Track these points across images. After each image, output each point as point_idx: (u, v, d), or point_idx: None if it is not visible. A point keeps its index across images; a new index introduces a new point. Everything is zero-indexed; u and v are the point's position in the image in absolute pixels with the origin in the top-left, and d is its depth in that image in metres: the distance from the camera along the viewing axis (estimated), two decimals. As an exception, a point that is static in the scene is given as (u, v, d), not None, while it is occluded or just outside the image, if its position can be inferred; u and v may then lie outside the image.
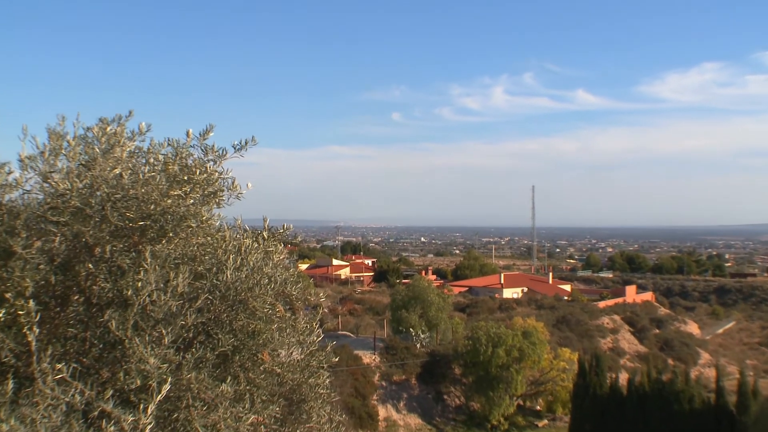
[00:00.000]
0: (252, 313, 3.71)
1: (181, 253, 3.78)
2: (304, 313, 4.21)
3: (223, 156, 3.97)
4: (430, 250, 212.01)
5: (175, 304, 3.38)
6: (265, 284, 3.69)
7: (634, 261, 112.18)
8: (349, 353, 28.29)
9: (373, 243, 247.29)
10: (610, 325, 44.61)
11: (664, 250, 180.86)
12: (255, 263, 3.70)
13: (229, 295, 3.60)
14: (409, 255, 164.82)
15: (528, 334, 28.32)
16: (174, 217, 3.73)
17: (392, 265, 78.15)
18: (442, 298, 33.17)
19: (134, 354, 3.19)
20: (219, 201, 3.99)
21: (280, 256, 4.07)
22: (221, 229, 3.99)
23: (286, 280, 3.92)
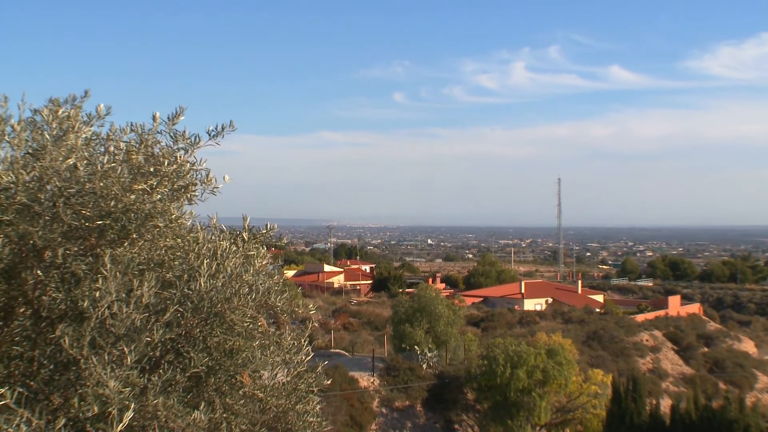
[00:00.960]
0: (230, 328, 3.72)
1: (147, 258, 3.78)
2: (290, 328, 4.21)
3: (196, 144, 3.98)
4: (438, 254, 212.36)
5: (140, 317, 3.39)
6: (245, 294, 3.70)
7: (679, 267, 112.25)
8: (344, 375, 28.33)
9: (372, 246, 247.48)
10: (650, 343, 44.64)
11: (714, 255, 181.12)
12: (233, 269, 3.70)
13: (202, 306, 3.61)
14: (414, 260, 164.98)
15: (553, 353, 28.35)
16: (138, 216, 3.73)
17: (394, 272, 78.12)
18: (452, 311, 33.16)
19: (91, 376, 3.19)
20: (191, 196, 4.00)
21: (263, 262, 4.07)
22: (194, 230, 4.00)
23: (269, 289, 3.93)
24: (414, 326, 32.15)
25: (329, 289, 75.28)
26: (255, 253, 3.99)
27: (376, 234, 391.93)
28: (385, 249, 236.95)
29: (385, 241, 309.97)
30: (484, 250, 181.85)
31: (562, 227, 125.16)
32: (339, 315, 48.12)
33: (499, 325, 46.58)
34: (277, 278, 4.12)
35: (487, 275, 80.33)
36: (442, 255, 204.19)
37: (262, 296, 3.82)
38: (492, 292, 69.38)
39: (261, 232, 4.14)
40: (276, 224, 4.23)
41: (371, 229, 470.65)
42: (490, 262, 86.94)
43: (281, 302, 3.98)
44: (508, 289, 69.19)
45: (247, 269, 3.80)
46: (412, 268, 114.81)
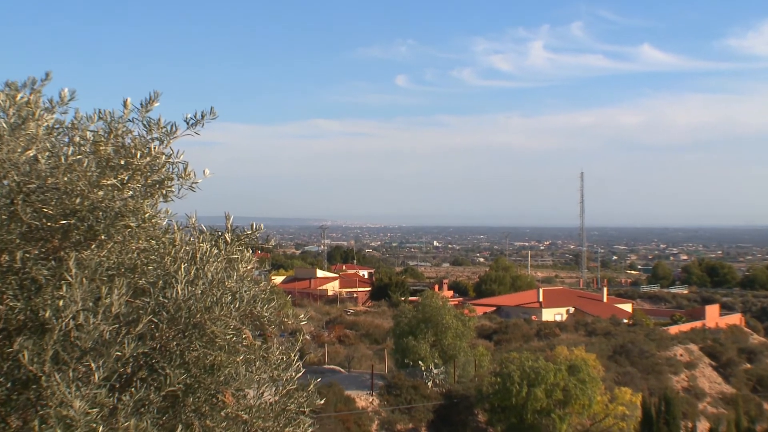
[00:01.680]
0: (210, 341, 3.73)
1: (117, 262, 3.79)
2: (279, 341, 4.22)
3: (173, 133, 3.99)
4: (445, 258, 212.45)
5: (109, 329, 3.40)
6: (228, 303, 3.71)
7: (717, 272, 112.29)
8: (339, 394, 28.37)
9: (371, 248, 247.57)
10: (685, 358, 44.66)
11: (758, 258, 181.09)
12: (214, 275, 3.71)
13: (180, 317, 3.61)
14: (418, 264, 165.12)
15: (575, 369, 28.39)
16: (107, 215, 3.74)
17: (395, 278, 78.22)
18: (461, 322, 33.20)
19: (54, 395, 3.20)
20: (167, 193, 4.01)
21: (248, 266, 4.08)
22: (170, 231, 4.01)
23: (255, 297, 3.94)
24: (418, 339, 32.17)
25: (323, 297, 74.98)
26: (239, 257, 4.00)
27: (376, 235, 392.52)
28: (386, 252, 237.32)
29: (386, 243, 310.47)
30: (497, 254, 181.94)
31: (585, 227, 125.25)
32: (334, 326, 48.21)
33: (514, 337, 46.62)
34: (264, 285, 4.12)
35: (501, 281, 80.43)
36: (450, 259, 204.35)
37: (247, 305, 3.83)
38: (506, 300, 69.44)
39: (246, 233, 4.14)
40: (263, 224, 4.24)
41: (370, 230, 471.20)
42: (504, 266, 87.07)
43: (268, 312, 3.99)
44: (525, 297, 69.28)
45: (230, 275, 3.81)
46: (415, 273, 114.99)
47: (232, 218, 4.10)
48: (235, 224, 4.12)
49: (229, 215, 4.10)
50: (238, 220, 4.16)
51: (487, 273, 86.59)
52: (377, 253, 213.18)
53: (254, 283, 4.05)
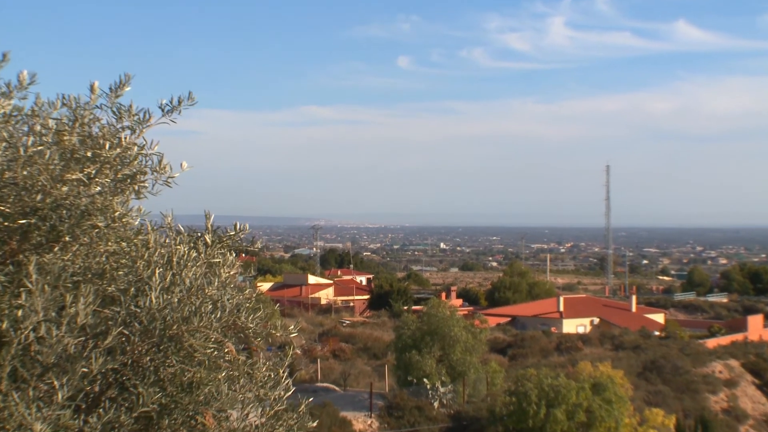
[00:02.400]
0: (188, 356, 3.73)
1: (83, 267, 3.80)
2: (266, 356, 4.22)
3: (146, 121, 3.99)
4: (453, 262, 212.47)
5: (74, 342, 3.40)
6: (209, 313, 3.72)
7: (761, 278, 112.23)
8: (334, 415, 28.39)
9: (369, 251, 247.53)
10: (725, 375, 44.67)
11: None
12: (193, 282, 3.72)
13: (154, 328, 3.62)
14: (423, 269, 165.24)
15: (600, 388, 28.40)
16: (72, 213, 3.74)
17: (397, 285, 78.25)
18: (471, 334, 33.23)
19: (12, 417, 3.21)
20: (139, 188, 4.01)
21: (231, 272, 4.09)
22: (143, 231, 4.02)
23: (239, 306, 3.94)
24: (423, 353, 32.20)
25: (315, 307, 74.88)
26: (221, 261, 4.01)
27: (375, 236, 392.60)
28: (386, 255, 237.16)
29: (386, 245, 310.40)
30: (512, 257, 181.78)
31: (611, 228, 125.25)
32: (327, 339, 48.25)
33: (532, 352, 46.65)
34: (250, 292, 4.13)
35: (516, 289, 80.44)
36: (459, 263, 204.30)
37: (230, 315, 3.84)
38: (522, 310, 69.51)
39: (229, 234, 4.15)
40: (248, 224, 4.24)
41: (368, 231, 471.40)
42: (520, 272, 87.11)
43: (254, 323, 3.99)
44: (543, 307, 69.35)
45: (211, 281, 3.82)
46: (420, 279, 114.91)
47: (213, 217, 4.10)
48: (217, 224, 4.12)
49: (209, 214, 4.11)
50: (219, 220, 4.16)
51: (500, 279, 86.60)
52: (377, 256, 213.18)
53: (238, 290, 4.05)
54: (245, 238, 4.25)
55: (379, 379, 35.66)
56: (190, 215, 4.31)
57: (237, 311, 3.91)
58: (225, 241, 4.14)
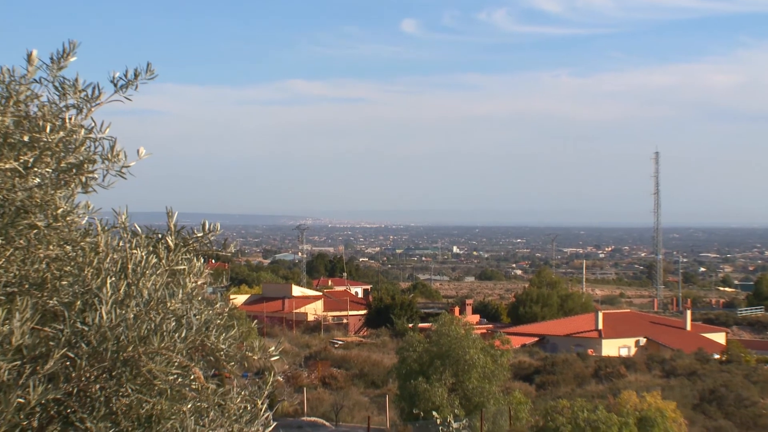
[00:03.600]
0: (147, 384, 3.73)
1: (19, 275, 3.80)
2: (241, 384, 4.22)
3: (96, 99, 3.99)
4: (469, 270, 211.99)
5: (8, 366, 3.41)
6: (171, 331, 3.72)
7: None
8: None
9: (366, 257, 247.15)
10: (798, 407, 44.67)
11: None
12: (152, 293, 3.72)
13: (105, 350, 3.62)
14: (432, 278, 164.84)
15: (648, 423, 28.41)
16: (5, 210, 3.75)
17: (400, 297, 78.02)
18: (491, 357, 33.24)
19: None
20: (87, 180, 4.01)
21: (198, 281, 4.10)
22: (91, 232, 4.02)
23: (208, 323, 3.94)
24: (432, 381, 32.21)
25: (301, 324, 74.79)
26: (186, 269, 4.01)
27: (374, 238, 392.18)
28: (387, 262, 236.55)
29: (387, 249, 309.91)
30: (540, 264, 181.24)
31: (661, 228, 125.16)
32: (316, 363, 48.30)
33: (564, 379, 46.65)
34: (221, 307, 4.14)
35: (546, 302, 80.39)
36: (476, 271, 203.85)
37: (198, 334, 3.84)
38: (553, 328, 69.62)
39: (196, 236, 4.16)
40: (219, 223, 4.25)
41: (366, 231, 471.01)
42: (550, 281, 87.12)
43: (226, 344, 4.00)
44: (578, 324, 69.40)
45: (174, 293, 3.82)
46: (428, 290, 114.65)
47: (176, 215, 4.11)
48: (181, 223, 4.13)
49: (172, 211, 4.11)
50: (185, 218, 4.16)
51: (526, 290, 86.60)
52: (375, 263, 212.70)
53: (207, 304, 4.05)
54: (216, 240, 4.26)
55: (378, 412, 35.68)
56: (149, 213, 4.33)
57: (206, 329, 3.91)
58: (191, 245, 4.14)
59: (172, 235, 4.08)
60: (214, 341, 3.96)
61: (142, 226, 4.12)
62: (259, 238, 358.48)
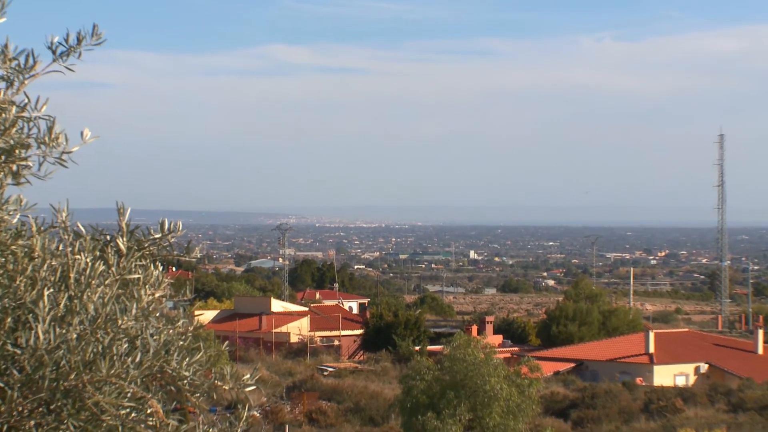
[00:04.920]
0: (94, 419, 3.73)
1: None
2: (208, 420, 4.22)
3: (30, 70, 3.99)
4: (489, 280, 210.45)
5: None
6: (123, 355, 3.73)
7: None
8: None
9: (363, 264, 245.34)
10: None
11: None
12: (100, 309, 3.72)
13: (41, 378, 3.62)
14: (443, 291, 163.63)
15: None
16: None
17: (405, 314, 77.75)
18: (516, 388, 33.21)
19: None
20: (19, 170, 4.01)
21: (156, 294, 4.09)
22: (24, 233, 4.02)
23: (168, 345, 3.93)
24: (443, 417, 32.19)
25: (282, 347, 75.08)
26: (141, 278, 4.02)
27: (371, 241, 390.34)
28: (389, 269, 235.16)
29: (388, 254, 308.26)
30: (578, 272, 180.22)
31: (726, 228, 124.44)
32: (300, 395, 48.21)
33: (607, 414, 46.55)
34: (184, 325, 4.15)
35: (584, 319, 79.93)
36: (498, 281, 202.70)
37: (155, 359, 3.85)
38: (593, 351, 69.52)
39: (153, 238, 4.17)
40: (181, 222, 4.26)
41: (361, 232, 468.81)
42: (590, 294, 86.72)
43: (190, 371, 4.01)
44: (624, 347, 69.23)
45: (127, 308, 3.83)
46: (439, 305, 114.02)
47: (129, 212, 4.11)
48: (135, 222, 4.13)
49: (124, 208, 4.12)
50: (139, 216, 4.17)
51: (560, 305, 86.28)
52: (374, 271, 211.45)
53: (167, 322, 4.06)
54: (178, 243, 4.26)
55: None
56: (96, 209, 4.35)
57: (165, 353, 3.91)
58: (147, 248, 4.14)
59: (123, 236, 4.08)
60: (176, 367, 3.96)
61: (87, 226, 4.12)
62: (230, 240, 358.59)
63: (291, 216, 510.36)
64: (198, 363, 4.04)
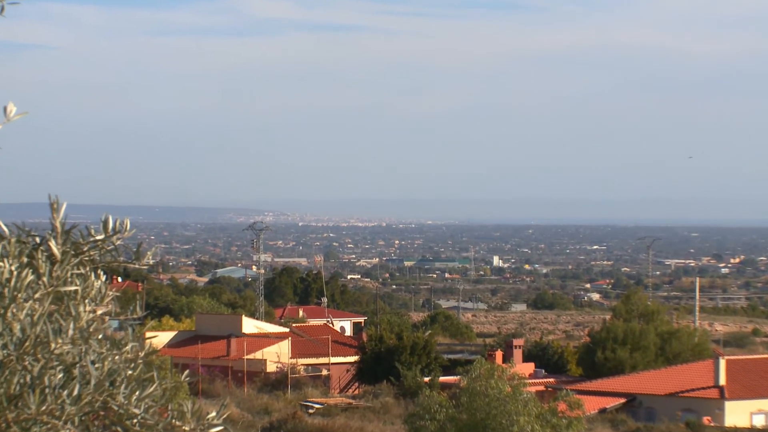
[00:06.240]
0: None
1: None
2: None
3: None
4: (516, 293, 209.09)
5: None
6: (57, 387, 3.70)
7: None
8: None
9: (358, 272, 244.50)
10: None
11: None
12: (28, 329, 3.72)
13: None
14: (459, 307, 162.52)
15: None
16: None
17: (411, 336, 77.31)
18: (552, 428, 33.34)
19: None
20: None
21: (97, 310, 4.07)
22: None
23: (113, 375, 3.93)
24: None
25: (256, 377, 75.60)
26: (80, 291, 4.03)
27: (369, 243, 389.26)
28: (391, 280, 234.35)
29: (390, 260, 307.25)
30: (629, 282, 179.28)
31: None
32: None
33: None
34: (133, 349, 4.16)
35: (637, 343, 79.67)
36: (528, 294, 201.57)
37: (97, 392, 3.86)
38: (649, 383, 69.30)
39: (94, 240, 4.18)
40: (129, 220, 4.26)
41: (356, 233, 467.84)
42: (644, 311, 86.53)
43: (141, 407, 4.02)
44: (688, 378, 69.09)
45: (62, 328, 3.84)
46: (454, 325, 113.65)
47: (65, 208, 4.11)
48: (72, 220, 4.13)
49: (58, 202, 4.12)
50: (77, 212, 4.17)
51: (607, 325, 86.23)
52: (372, 282, 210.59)
53: (112, 345, 4.06)
54: (125, 246, 4.27)
55: None
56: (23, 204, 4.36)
57: (110, 385, 3.91)
58: (87, 253, 4.15)
59: (57, 238, 4.09)
60: (123, 403, 3.96)
61: (11, 225, 4.13)
62: (191, 243, 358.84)
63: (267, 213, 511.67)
64: (151, 398, 4.05)
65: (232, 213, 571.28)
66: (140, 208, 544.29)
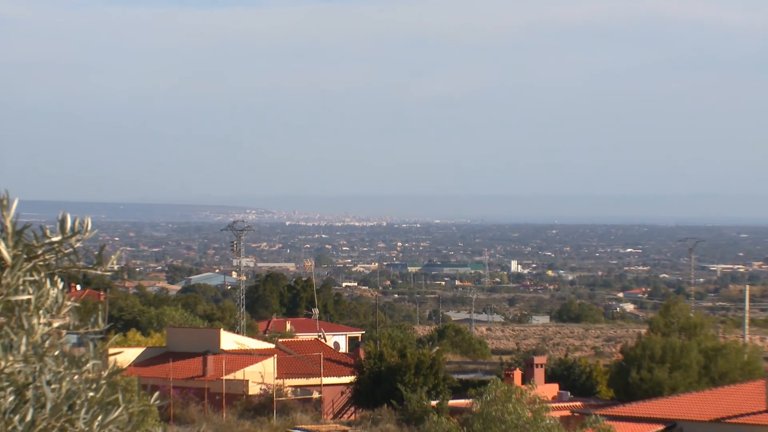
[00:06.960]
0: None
1: None
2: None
3: None
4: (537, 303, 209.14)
5: None
6: (8, 412, 3.71)
7: None
8: None
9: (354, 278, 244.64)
10: None
11: None
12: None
13: None
14: (471, 319, 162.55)
15: None
16: None
17: (416, 353, 77.28)
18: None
19: None
20: None
21: (54, 322, 4.07)
22: None
23: (72, 397, 3.94)
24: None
25: (237, 400, 76.09)
26: (33, 300, 4.05)
27: (367, 246, 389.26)
28: (392, 288, 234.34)
29: (392, 265, 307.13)
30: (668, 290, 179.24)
31: None
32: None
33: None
34: (95, 368, 4.17)
35: (678, 361, 79.78)
36: (552, 304, 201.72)
37: (54, 418, 3.88)
38: (691, 407, 69.41)
39: (50, 241, 4.19)
40: (90, 218, 4.27)
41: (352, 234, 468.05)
42: (686, 324, 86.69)
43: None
44: (736, 400, 69.21)
45: (13, 344, 3.86)
46: (466, 340, 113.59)
47: (16, 205, 4.13)
48: (24, 218, 4.15)
49: (8, 198, 4.13)
50: (31, 209, 4.18)
51: (642, 340, 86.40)
52: (370, 290, 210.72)
53: (70, 363, 4.07)
54: (85, 249, 4.28)
55: None
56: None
57: (68, 409, 3.93)
58: (42, 257, 4.15)
59: (8, 239, 4.10)
60: (84, 429, 3.97)
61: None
62: (160, 245, 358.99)
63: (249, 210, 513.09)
64: (115, 424, 4.06)
65: (208, 211, 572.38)
66: (102, 205, 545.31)
